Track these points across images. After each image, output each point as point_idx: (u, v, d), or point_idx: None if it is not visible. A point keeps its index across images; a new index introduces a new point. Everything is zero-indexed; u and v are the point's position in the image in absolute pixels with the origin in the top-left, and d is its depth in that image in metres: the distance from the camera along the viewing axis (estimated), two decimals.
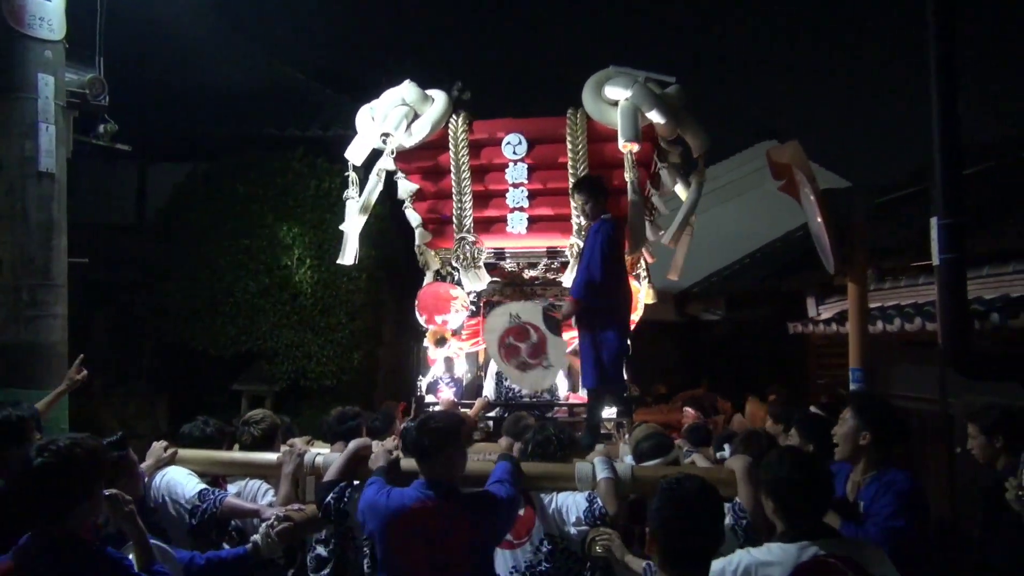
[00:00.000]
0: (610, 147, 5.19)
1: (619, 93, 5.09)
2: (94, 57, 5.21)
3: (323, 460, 3.45)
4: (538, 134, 5.44)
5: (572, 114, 5.30)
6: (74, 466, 2.23)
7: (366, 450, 3.36)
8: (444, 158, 5.57)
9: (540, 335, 5.14)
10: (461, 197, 5.55)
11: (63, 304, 4.75)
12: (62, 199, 4.80)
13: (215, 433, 3.77)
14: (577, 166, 5.30)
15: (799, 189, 4.66)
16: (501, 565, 3.11)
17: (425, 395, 5.55)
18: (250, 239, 8.18)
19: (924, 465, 6.02)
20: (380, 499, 2.84)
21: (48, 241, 4.68)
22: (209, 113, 9.10)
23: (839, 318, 6.67)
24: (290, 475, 3.41)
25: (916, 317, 5.26)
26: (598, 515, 3.01)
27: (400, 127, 5.43)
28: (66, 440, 2.29)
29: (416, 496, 2.80)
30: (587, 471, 3.19)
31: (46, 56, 4.71)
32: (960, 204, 4.13)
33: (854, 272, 4.47)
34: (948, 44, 4.13)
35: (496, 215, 5.65)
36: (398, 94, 5.59)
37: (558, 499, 3.16)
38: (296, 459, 3.42)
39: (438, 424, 2.91)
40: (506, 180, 5.53)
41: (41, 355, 4.60)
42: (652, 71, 5.23)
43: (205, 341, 8.16)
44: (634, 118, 4.97)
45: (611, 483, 3.09)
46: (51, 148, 4.68)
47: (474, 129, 5.51)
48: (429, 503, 2.77)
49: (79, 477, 2.25)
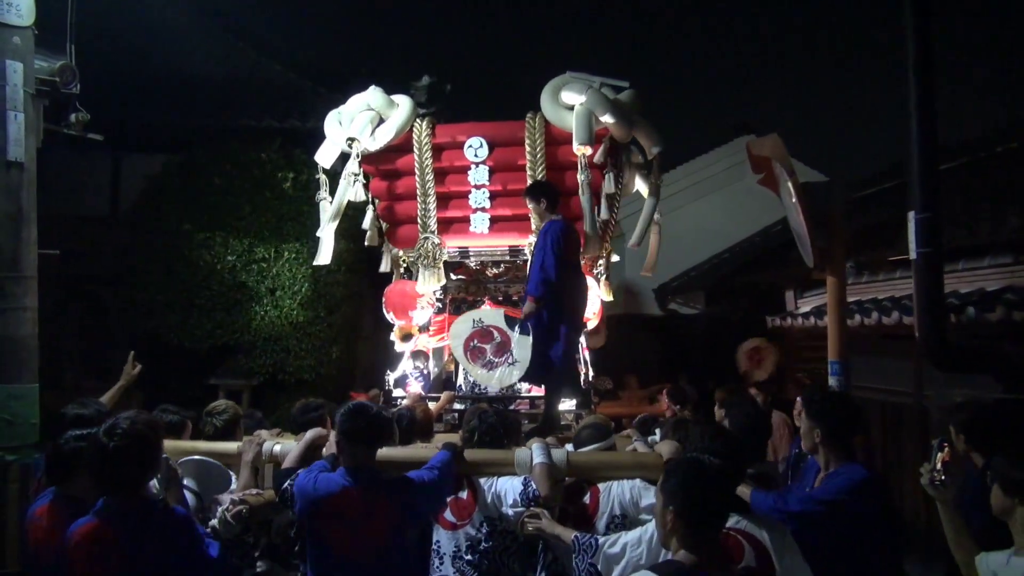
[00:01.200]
0: (566, 150, 5.39)
1: (574, 98, 5.31)
2: (65, 44, 5.08)
3: (280, 448, 3.64)
4: (498, 137, 5.63)
5: (531, 118, 5.51)
6: (145, 444, 2.61)
7: (322, 439, 3.58)
8: (408, 160, 5.73)
9: (503, 335, 5.45)
10: (425, 198, 5.75)
11: (33, 296, 4.63)
12: (31, 189, 4.68)
13: (177, 422, 3.92)
14: (535, 168, 5.51)
15: (779, 183, 4.67)
16: (447, 544, 3.32)
17: (393, 389, 5.74)
18: (226, 231, 8.08)
19: (900, 458, 6.10)
20: (308, 485, 3.07)
21: (17, 232, 4.56)
22: (185, 103, 8.93)
23: (817, 312, 6.72)
24: (250, 463, 3.60)
25: (893, 311, 5.31)
26: (532, 497, 3.24)
27: (365, 132, 5.62)
28: (126, 421, 2.59)
29: (340, 483, 3.02)
30: (525, 457, 3.40)
31: (14, 42, 4.58)
32: (936, 199, 4.17)
33: (832, 266, 4.49)
34: (926, 39, 4.16)
35: (459, 215, 5.84)
36: (364, 99, 5.79)
37: (497, 483, 3.38)
38: (255, 448, 3.63)
39: (369, 417, 3.13)
40: (468, 182, 5.71)
41: (10, 348, 4.48)
42: (608, 76, 5.44)
43: (181, 334, 8.05)
44: (588, 122, 5.17)
45: (545, 467, 3.30)
46: (20, 137, 4.56)
47: (437, 133, 5.70)
48: (351, 490, 2.99)
49: (149, 452, 2.65)
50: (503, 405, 5.23)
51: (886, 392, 6.13)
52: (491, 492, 3.35)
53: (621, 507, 3.23)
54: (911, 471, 5.76)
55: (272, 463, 3.66)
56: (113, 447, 2.52)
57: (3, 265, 4.50)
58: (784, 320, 7.76)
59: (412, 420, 4.19)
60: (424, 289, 5.78)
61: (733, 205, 10.49)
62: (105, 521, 2.54)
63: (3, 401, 4.39)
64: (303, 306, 8.11)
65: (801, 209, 4.32)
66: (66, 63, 4.99)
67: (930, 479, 2.71)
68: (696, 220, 10.28)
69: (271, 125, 8.83)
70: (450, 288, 6.02)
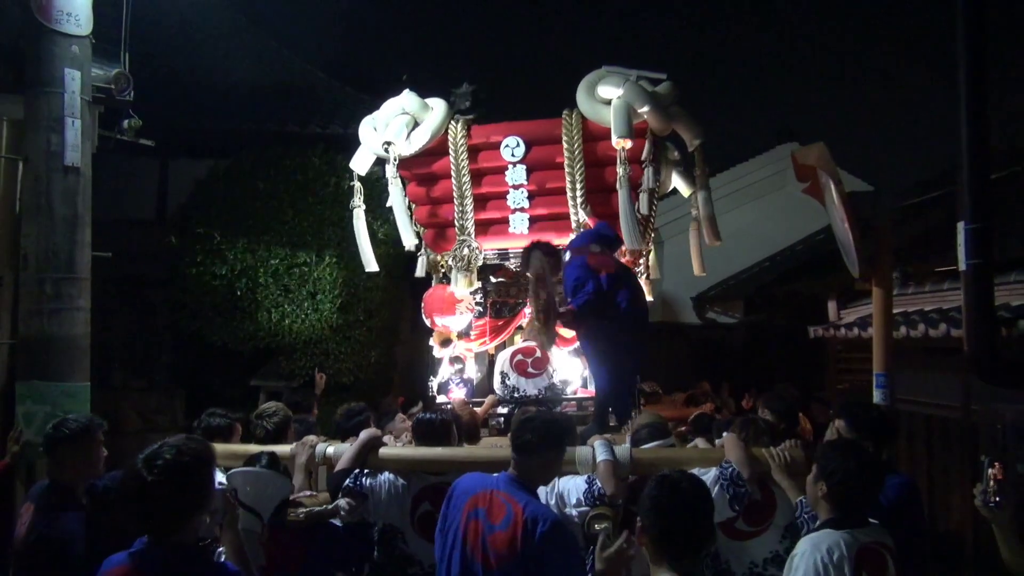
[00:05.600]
0: (605, 145, 5.36)
1: (611, 92, 5.27)
2: (118, 52, 5.23)
3: (334, 450, 3.66)
4: (535, 136, 5.62)
5: (567, 115, 5.49)
6: (188, 479, 2.17)
7: (377, 440, 3.60)
8: (444, 163, 5.75)
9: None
10: (462, 201, 5.73)
11: (87, 297, 4.78)
12: (87, 193, 4.84)
13: (225, 425, 3.92)
14: (574, 165, 5.47)
15: (824, 191, 4.60)
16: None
17: (437, 395, 5.74)
18: (269, 235, 8.21)
19: (945, 473, 5.95)
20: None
21: (72, 235, 4.71)
22: (230, 109, 9.14)
23: (861, 323, 6.59)
24: (303, 465, 3.61)
25: (941, 323, 5.19)
26: (597, 496, 3.11)
27: (401, 135, 5.64)
28: (171, 450, 2.17)
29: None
30: (587, 455, 3.32)
31: (73, 51, 4.74)
32: (988, 208, 4.07)
33: (879, 276, 4.40)
34: (978, 43, 4.06)
35: (498, 216, 5.82)
36: (398, 103, 5.83)
37: (560, 483, 3.25)
38: (308, 450, 3.64)
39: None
40: (506, 182, 5.68)
41: (65, 347, 4.63)
42: (645, 70, 5.42)
43: (224, 336, 8.20)
44: (626, 115, 5.13)
45: (610, 465, 3.21)
46: (76, 143, 4.72)
47: (472, 134, 5.70)
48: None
49: (195, 489, 2.21)
50: (548, 407, 5.18)
51: (931, 406, 5.99)
52: (553, 492, 3.23)
53: None
54: (958, 487, 5.63)
55: (325, 465, 3.67)
56: (152, 481, 2.12)
57: (59, 267, 4.64)
58: (826, 331, 7.63)
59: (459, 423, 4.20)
60: (460, 293, 5.78)
61: (774, 213, 10.37)
62: (138, 566, 2.15)
63: (56, 398, 4.53)
64: (343, 310, 8.20)
65: (847, 218, 4.25)
66: (121, 71, 5.15)
67: (984, 500, 2.61)
68: (736, 228, 10.14)
69: (314, 131, 8.96)
70: (491, 291, 5.98)
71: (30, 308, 4.64)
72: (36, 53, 4.67)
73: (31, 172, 4.68)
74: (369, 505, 3.35)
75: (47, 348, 4.59)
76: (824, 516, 2.59)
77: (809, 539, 2.52)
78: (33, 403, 4.51)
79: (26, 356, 4.65)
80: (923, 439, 6.14)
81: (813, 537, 2.52)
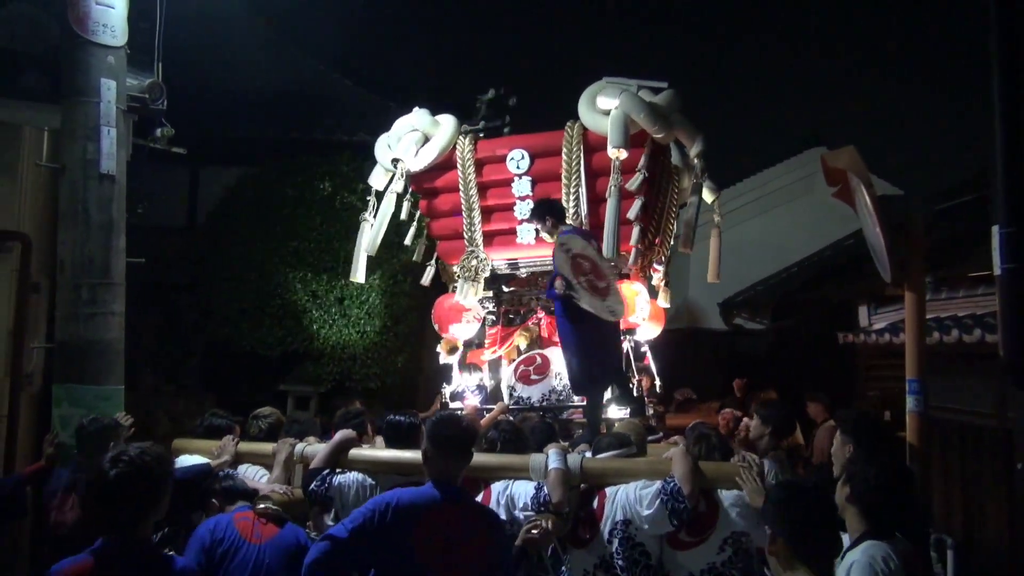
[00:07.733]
0: (606, 155, 5.38)
1: (610, 103, 5.35)
2: (151, 62, 5.33)
3: (310, 450, 3.87)
4: (539, 148, 5.72)
5: (570, 126, 5.57)
6: (146, 476, 2.36)
7: (350, 441, 3.76)
8: (452, 177, 5.89)
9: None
10: (470, 213, 5.87)
11: (121, 302, 4.85)
12: (121, 200, 4.92)
13: (225, 425, 4.33)
14: (570, 176, 5.55)
15: (855, 196, 4.55)
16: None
17: (450, 402, 5.81)
18: (297, 241, 8.31)
19: (979, 482, 5.84)
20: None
21: (108, 241, 4.79)
22: (259, 117, 9.27)
23: (892, 328, 6.50)
24: (283, 461, 3.87)
25: (975, 328, 5.11)
26: (543, 502, 3.25)
27: (409, 152, 5.84)
28: (135, 449, 2.40)
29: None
30: (540, 462, 3.43)
31: (109, 61, 4.83)
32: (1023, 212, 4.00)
33: (912, 281, 4.34)
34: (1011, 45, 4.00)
35: (505, 227, 5.92)
36: (409, 121, 6.03)
37: (513, 487, 3.43)
38: (288, 448, 3.90)
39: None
40: (512, 194, 5.79)
41: (100, 351, 4.70)
42: (645, 79, 5.47)
43: (252, 341, 8.30)
44: (623, 125, 5.21)
45: (560, 473, 3.30)
46: (112, 151, 4.80)
47: (479, 148, 5.83)
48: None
49: (150, 486, 2.38)
50: (554, 415, 5.25)
51: (964, 413, 5.88)
52: (505, 494, 3.40)
53: (623, 512, 3.22)
54: (992, 496, 5.52)
55: (302, 463, 3.86)
56: (115, 475, 2.31)
57: (95, 272, 4.72)
58: (856, 336, 7.53)
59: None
60: (466, 302, 5.84)
61: (802, 218, 10.27)
62: (99, 563, 2.29)
63: (91, 401, 4.60)
64: (370, 315, 8.26)
65: (879, 222, 4.20)
66: (155, 80, 5.24)
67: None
68: (763, 233, 10.11)
69: (341, 138, 9.06)
70: (503, 300, 6.09)
71: (66, 313, 4.72)
72: (73, 64, 4.77)
73: (68, 180, 4.77)
74: (336, 504, 3.51)
75: (83, 352, 4.67)
76: (858, 529, 2.56)
77: (859, 550, 2.47)
78: (69, 406, 4.58)
79: (62, 360, 4.74)
80: (956, 447, 6.03)
81: (863, 548, 2.47)
